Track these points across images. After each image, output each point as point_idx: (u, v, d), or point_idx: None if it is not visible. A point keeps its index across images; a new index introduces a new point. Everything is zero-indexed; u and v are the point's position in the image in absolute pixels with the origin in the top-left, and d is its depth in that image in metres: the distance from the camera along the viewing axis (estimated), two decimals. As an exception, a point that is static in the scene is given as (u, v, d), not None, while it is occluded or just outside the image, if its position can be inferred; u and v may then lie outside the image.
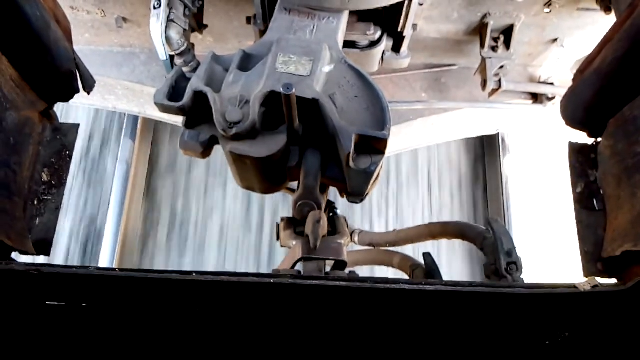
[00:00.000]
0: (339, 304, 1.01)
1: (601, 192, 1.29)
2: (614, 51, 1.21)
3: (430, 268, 2.11)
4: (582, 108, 1.36)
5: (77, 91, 1.42)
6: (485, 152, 5.25)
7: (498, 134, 4.79)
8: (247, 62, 1.65)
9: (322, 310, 1.03)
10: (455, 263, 4.99)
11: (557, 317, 1.03)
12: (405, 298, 0.99)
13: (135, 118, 4.81)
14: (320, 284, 0.92)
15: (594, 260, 1.22)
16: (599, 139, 1.35)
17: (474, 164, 5.27)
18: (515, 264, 1.86)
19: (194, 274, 0.92)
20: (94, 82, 1.49)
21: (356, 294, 0.97)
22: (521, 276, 1.86)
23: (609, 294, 0.98)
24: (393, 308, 1.03)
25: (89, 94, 1.47)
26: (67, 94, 1.39)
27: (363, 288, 0.94)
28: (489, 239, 1.98)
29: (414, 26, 2.22)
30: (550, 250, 4.59)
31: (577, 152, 1.37)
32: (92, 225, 4.78)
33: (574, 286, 0.98)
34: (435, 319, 1.06)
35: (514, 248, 1.89)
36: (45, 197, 1.32)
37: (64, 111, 4.75)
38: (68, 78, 1.36)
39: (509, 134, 4.95)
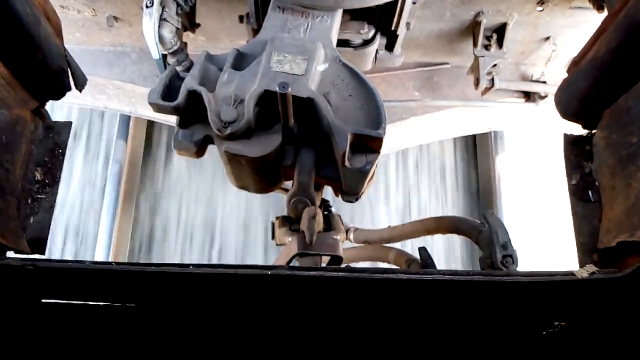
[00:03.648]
0: (337, 295, 1.01)
1: (596, 183, 1.29)
2: (608, 42, 1.21)
3: (425, 262, 2.10)
4: (576, 99, 1.36)
5: (69, 89, 1.41)
6: (477, 149, 5.27)
7: (491, 131, 4.80)
8: (241, 61, 1.64)
9: (321, 301, 1.02)
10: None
11: (555, 304, 1.03)
12: (403, 288, 0.98)
13: (128, 118, 4.78)
14: (319, 274, 0.92)
15: (589, 252, 1.22)
16: (594, 131, 1.34)
17: (466, 160, 5.28)
18: (510, 257, 1.86)
19: (191, 267, 0.91)
20: (86, 79, 1.48)
21: (354, 285, 0.96)
22: (517, 269, 1.85)
23: (607, 281, 0.98)
24: (391, 298, 1.02)
25: (80, 91, 1.46)
26: (59, 92, 1.38)
27: (361, 278, 0.93)
28: (484, 232, 1.97)
29: (407, 25, 2.21)
30: (542, 246, 4.61)
31: (572, 144, 1.37)
32: (85, 227, 4.75)
33: (572, 273, 0.99)
34: (433, 308, 1.06)
35: (510, 241, 1.89)
36: (39, 196, 1.31)
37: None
38: (59, 75, 1.35)
39: (502, 132, 4.96)
